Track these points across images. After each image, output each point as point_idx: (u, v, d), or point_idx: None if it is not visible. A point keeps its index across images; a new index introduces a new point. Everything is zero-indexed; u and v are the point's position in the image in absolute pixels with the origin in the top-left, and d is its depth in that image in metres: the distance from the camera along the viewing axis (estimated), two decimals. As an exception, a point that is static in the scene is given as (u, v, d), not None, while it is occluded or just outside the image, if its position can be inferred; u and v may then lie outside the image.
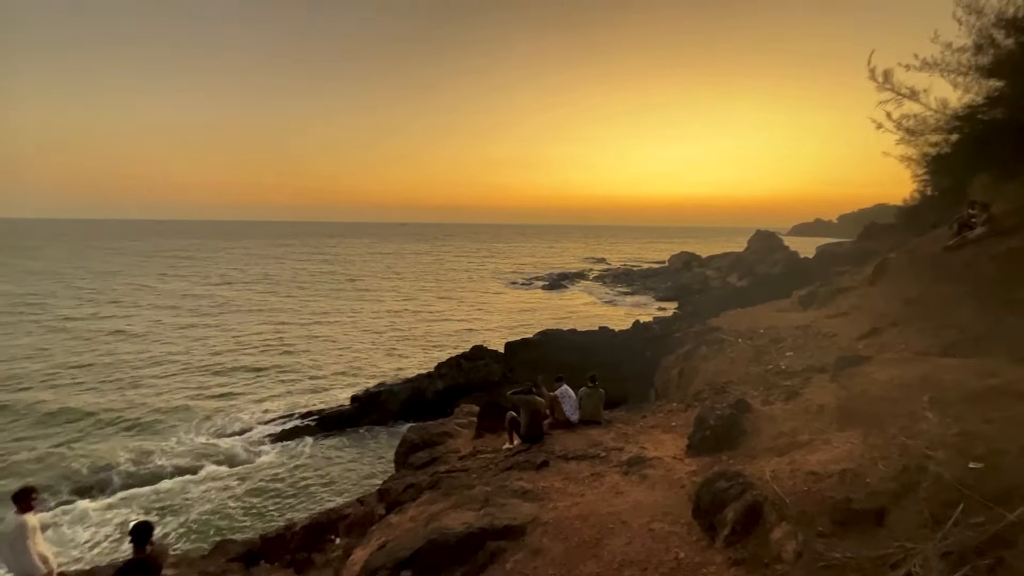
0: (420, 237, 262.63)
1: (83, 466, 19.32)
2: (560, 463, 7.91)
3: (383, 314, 52.66)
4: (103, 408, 25.40)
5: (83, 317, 46.66)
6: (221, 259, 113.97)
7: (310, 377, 31.37)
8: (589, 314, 52.51)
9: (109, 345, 37.45)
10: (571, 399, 10.06)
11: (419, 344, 40.15)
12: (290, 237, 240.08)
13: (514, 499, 6.86)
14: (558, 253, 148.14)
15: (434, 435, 12.35)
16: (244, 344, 38.70)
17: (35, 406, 25.43)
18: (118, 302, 55.15)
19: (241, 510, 16.71)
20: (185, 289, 67.02)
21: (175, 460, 19.89)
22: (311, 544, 8.47)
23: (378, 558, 6.22)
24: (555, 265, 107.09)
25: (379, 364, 34.62)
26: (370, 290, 70.49)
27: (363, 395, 26.33)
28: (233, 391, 28.65)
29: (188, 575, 8.13)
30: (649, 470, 7.17)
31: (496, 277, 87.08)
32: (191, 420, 24.10)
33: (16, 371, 30.70)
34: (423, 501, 7.57)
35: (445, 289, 72.10)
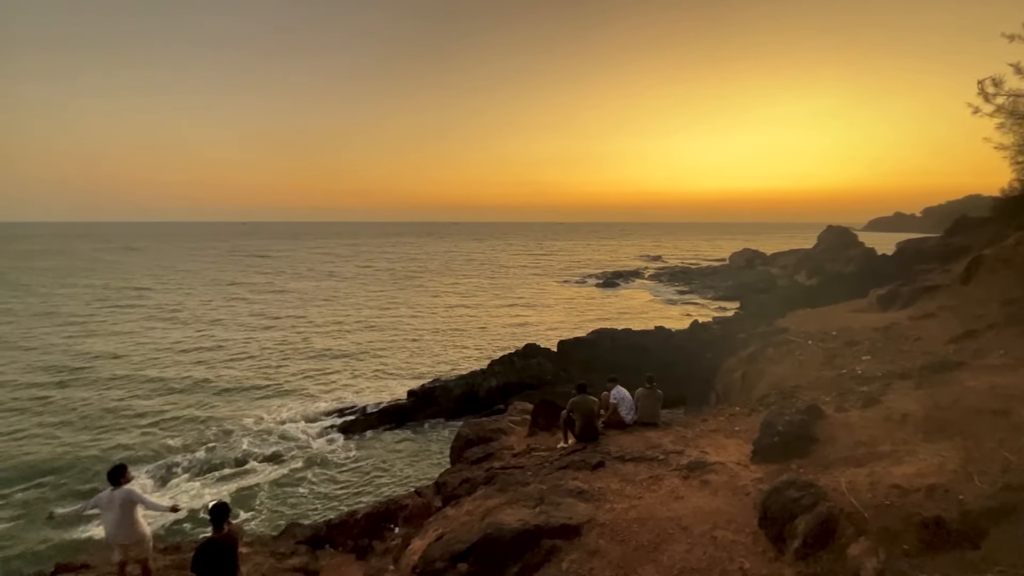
0: (473, 236, 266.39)
1: (166, 448, 21.16)
2: (616, 464, 7.76)
3: (439, 310, 53.89)
4: (188, 393, 27.79)
5: (178, 307, 51.35)
6: (292, 258, 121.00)
7: (370, 370, 32.61)
8: (644, 314, 51.29)
9: (203, 333, 41.11)
10: (627, 400, 9.84)
11: (473, 340, 40.75)
12: (350, 236, 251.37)
13: (569, 498, 6.80)
14: (612, 251, 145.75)
15: (488, 431, 12.45)
16: (312, 337, 40.91)
17: (135, 386, 28.50)
18: (210, 297, 59.89)
19: (308, 496, 17.66)
20: (264, 285, 72.18)
21: (250, 446, 21.33)
22: (372, 531, 8.80)
23: (435, 549, 6.36)
24: (609, 263, 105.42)
25: (434, 359, 35.43)
26: (426, 287, 72.36)
27: (419, 390, 27.04)
28: (302, 381, 30.32)
29: (260, 554, 8.66)
30: (711, 475, 6.89)
31: (549, 275, 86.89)
32: (265, 408, 25.78)
33: (123, 351, 34.61)
34: (478, 496, 7.65)
35: (499, 287, 72.74)
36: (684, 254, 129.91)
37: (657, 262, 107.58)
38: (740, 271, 73.09)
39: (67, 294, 62.39)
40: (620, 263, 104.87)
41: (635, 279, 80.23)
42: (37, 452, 20.77)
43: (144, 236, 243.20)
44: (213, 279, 79.01)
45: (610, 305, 57.36)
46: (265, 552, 8.57)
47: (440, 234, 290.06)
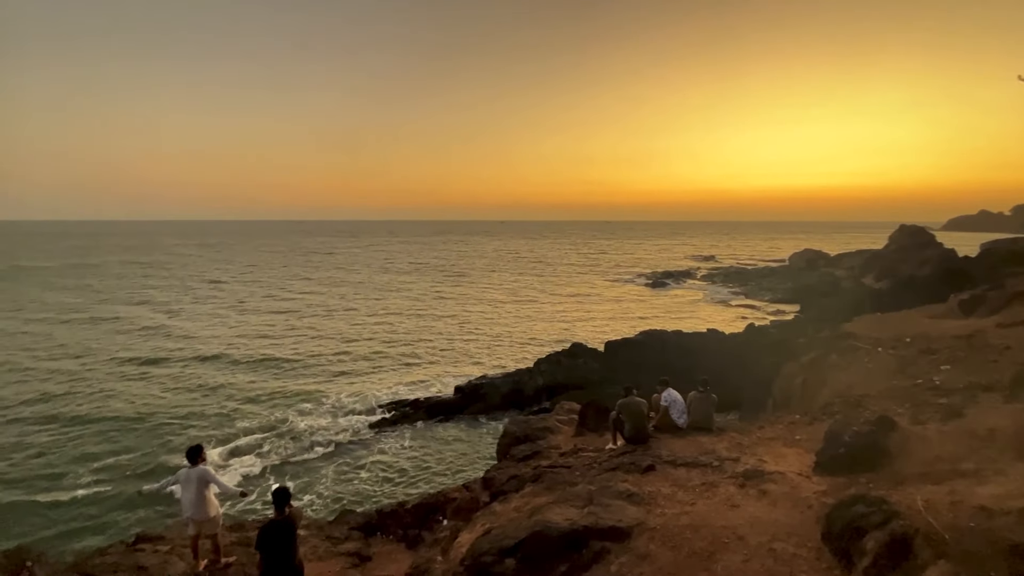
0: (521, 234, 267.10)
1: (235, 429, 22.69)
2: (668, 468, 7.56)
3: (486, 307, 54.46)
4: (258, 378, 29.95)
5: (251, 297, 54.77)
6: (348, 254, 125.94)
7: (421, 364, 33.41)
8: (696, 315, 49.72)
9: (272, 323, 44.08)
10: (679, 403, 9.57)
11: (520, 338, 40.89)
12: (401, 234, 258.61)
13: (619, 500, 6.70)
14: (662, 250, 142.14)
15: (535, 430, 12.46)
16: (368, 330, 42.61)
17: (212, 370, 31.05)
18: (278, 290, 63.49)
19: (360, 483, 18.37)
20: (326, 279, 76.31)
21: (310, 432, 22.52)
22: (421, 522, 9.02)
23: (483, 543, 6.42)
24: (659, 263, 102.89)
25: (482, 355, 35.83)
26: (475, 284, 73.30)
27: (466, 386, 27.43)
28: (359, 372, 31.62)
29: (316, 537, 9.06)
30: (770, 485, 6.58)
31: (597, 274, 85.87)
32: (325, 396, 27.10)
33: (203, 337, 38.02)
34: (526, 493, 7.67)
35: (546, 285, 72.59)
36: (739, 254, 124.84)
37: (709, 262, 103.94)
38: (800, 272, 69.41)
39: (157, 284, 68.61)
40: (671, 263, 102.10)
41: (686, 280, 77.90)
42: (122, 427, 22.88)
43: (211, 233, 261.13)
44: (280, 273, 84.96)
45: (659, 306, 55.98)
46: (321, 536, 8.96)
47: (488, 232, 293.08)
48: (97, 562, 7.85)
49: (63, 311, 49.16)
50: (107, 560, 7.92)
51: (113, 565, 7.74)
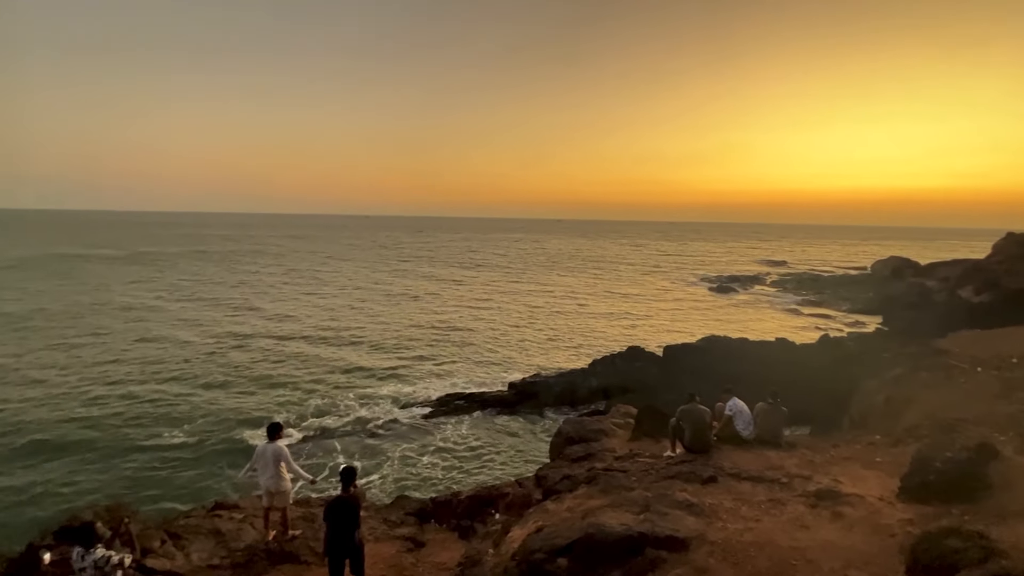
0: (581, 233, 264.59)
1: (308, 409, 24.25)
2: (730, 481, 7.22)
3: (543, 305, 54.44)
4: (334, 362, 31.72)
5: (332, 284, 58.56)
6: (412, 246, 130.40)
7: (477, 360, 33.91)
8: (763, 323, 47.15)
9: (348, 311, 46.90)
10: (744, 413, 9.11)
11: (575, 338, 40.51)
12: (460, 230, 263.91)
13: (677, 510, 6.47)
14: (729, 253, 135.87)
15: (590, 431, 12.30)
16: (429, 321, 43.95)
17: (293, 351, 33.57)
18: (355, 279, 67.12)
19: (420, 469, 19.05)
20: (400, 272, 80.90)
21: (374, 417, 23.66)
22: (474, 514, 9.15)
23: (535, 541, 6.41)
24: (726, 266, 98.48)
25: (536, 353, 35.83)
26: (533, 281, 73.50)
27: (520, 384, 27.53)
28: (421, 363, 32.58)
29: (374, 519, 9.43)
30: (845, 508, 6.12)
31: (659, 276, 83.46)
32: (390, 383, 28.35)
33: (293, 317, 41.66)
34: (580, 494, 7.58)
35: (605, 285, 71.48)
36: (814, 260, 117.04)
37: (781, 267, 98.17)
38: (884, 282, 63.98)
39: (262, 270, 77.83)
40: (738, 267, 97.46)
41: (754, 285, 74.01)
42: (212, 396, 25.21)
43: (292, 226, 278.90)
44: (360, 264, 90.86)
45: (724, 311, 53.55)
46: (378, 518, 9.31)
47: (547, 230, 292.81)
48: (182, 523, 8.59)
49: (183, 291, 56.81)
50: (190, 523, 8.64)
51: (195, 527, 8.43)
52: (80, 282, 60.18)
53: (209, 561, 7.74)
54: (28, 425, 21.61)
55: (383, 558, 7.76)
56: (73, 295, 51.14)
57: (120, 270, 73.30)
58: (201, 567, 7.60)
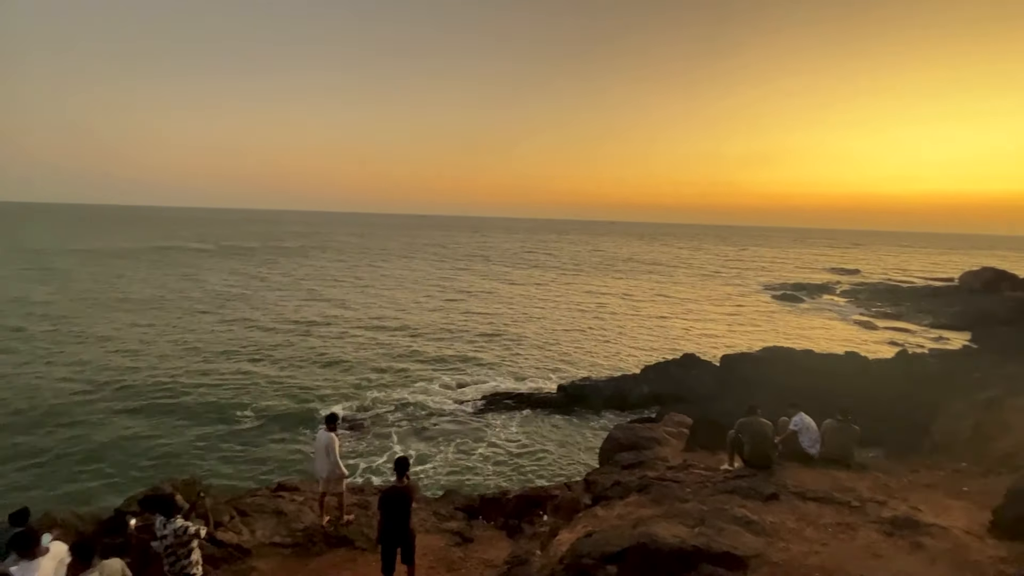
0: (638, 235, 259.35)
1: (364, 400, 25.19)
2: (794, 500, 6.82)
3: (596, 307, 53.79)
4: (392, 355, 32.99)
5: (388, 279, 60.89)
6: (469, 247, 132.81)
7: (527, 359, 33.96)
8: (832, 335, 44.27)
9: (406, 312, 47.95)
10: (811, 430, 8.59)
11: (627, 342, 39.70)
12: (519, 231, 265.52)
13: (734, 526, 6.20)
14: (795, 259, 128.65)
15: (641, 438, 12.04)
16: (483, 319, 44.58)
17: (355, 343, 35.02)
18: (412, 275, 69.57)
19: (471, 463, 19.34)
20: (456, 272, 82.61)
21: (434, 409, 24.44)
22: (521, 514, 9.16)
23: (585, 545, 6.33)
24: (791, 273, 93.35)
25: (587, 356, 35.41)
26: (587, 283, 72.81)
27: (569, 386, 27.31)
28: (473, 360, 33.08)
29: (424, 511, 9.64)
30: (926, 539, 5.63)
31: (718, 281, 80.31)
32: (441, 381, 28.87)
33: (355, 309, 42.81)
34: (631, 502, 7.42)
35: (659, 289, 69.65)
36: (891, 268, 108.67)
37: (853, 276, 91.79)
38: (974, 295, 58.39)
39: (321, 264, 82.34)
40: (804, 274, 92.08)
41: (822, 294, 69.65)
42: (274, 386, 26.63)
43: (351, 224, 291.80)
44: (418, 262, 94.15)
45: (788, 321, 50.74)
46: (428, 510, 9.51)
47: (602, 232, 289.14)
48: (248, 501, 9.14)
49: (261, 281, 62.85)
50: (255, 501, 9.18)
51: (260, 506, 8.95)
52: (179, 270, 68.13)
53: (271, 539, 8.19)
54: (125, 393, 24.64)
55: (432, 550, 7.92)
56: (175, 282, 58.24)
57: (209, 261, 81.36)
58: (265, 544, 8.06)
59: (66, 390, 24.68)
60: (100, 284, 54.02)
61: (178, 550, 5.40)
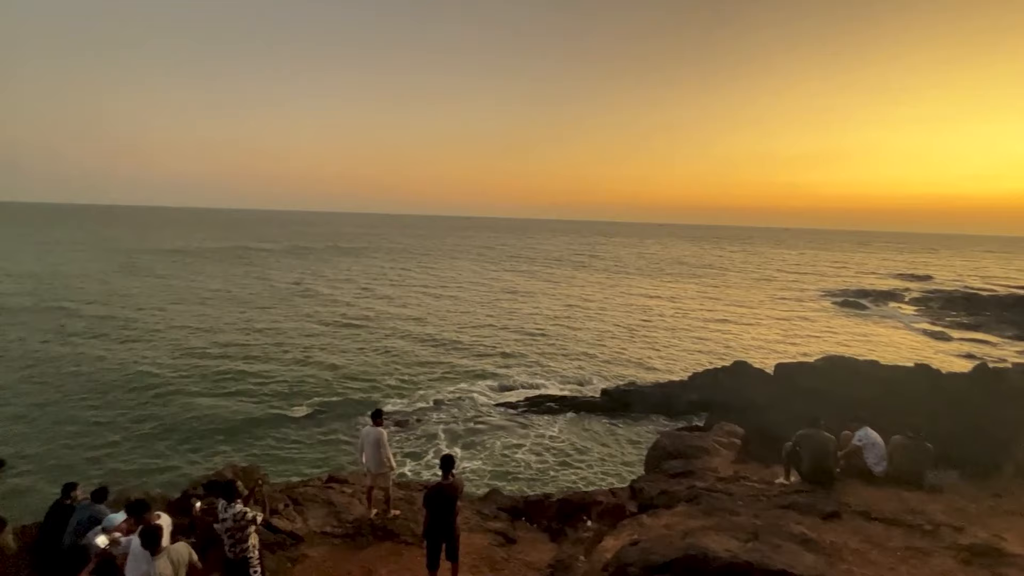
0: (686, 237, 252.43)
1: (413, 398, 25.81)
2: (858, 520, 6.42)
3: (643, 310, 52.76)
4: (436, 356, 33.54)
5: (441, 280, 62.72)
6: (513, 248, 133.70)
7: (572, 362, 33.72)
8: (899, 345, 41.41)
9: (455, 312, 48.88)
10: (877, 446, 8.05)
11: (675, 347, 38.65)
12: (567, 233, 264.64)
13: (791, 543, 5.89)
14: (858, 263, 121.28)
15: (689, 447, 11.68)
16: (527, 322, 44.68)
17: (407, 339, 36.20)
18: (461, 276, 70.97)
19: (509, 466, 19.39)
20: (499, 270, 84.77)
21: (480, 409, 24.74)
22: (565, 518, 9.08)
23: (630, 553, 6.20)
24: (854, 279, 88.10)
25: (632, 360, 34.74)
26: (633, 286, 71.61)
27: (614, 391, 26.87)
28: (514, 363, 33.12)
29: (468, 510, 9.72)
30: (1011, 571, 5.15)
31: (773, 286, 76.85)
32: (486, 380, 29.16)
33: (408, 306, 44.35)
34: (679, 512, 7.21)
35: (711, 293, 67.43)
36: (967, 275, 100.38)
37: (924, 282, 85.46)
38: (1067, 305, 53.11)
39: (379, 264, 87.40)
40: (870, 280, 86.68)
41: (889, 301, 65.29)
42: (328, 380, 27.78)
43: (405, 226, 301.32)
44: (467, 263, 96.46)
45: (850, 330, 47.86)
46: (472, 509, 9.59)
47: (650, 235, 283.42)
48: (301, 491, 9.53)
49: (324, 278, 67.20)
50: (308, 491, 9.56)
51: (312, 495, 9.31)
52: (246, 268, 75.13)
53: (322, 528, 8.50)
54: (196, 380, 26.81)
55: (476, 549, 7.97)
56: (245, 279, 64.18)
57: (276, 260, 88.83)
58: (316, 532, 8.37)
59: (147, 376, 27.07)
60: (181, 280, 60.10)
61: (236, 534, 5.69)
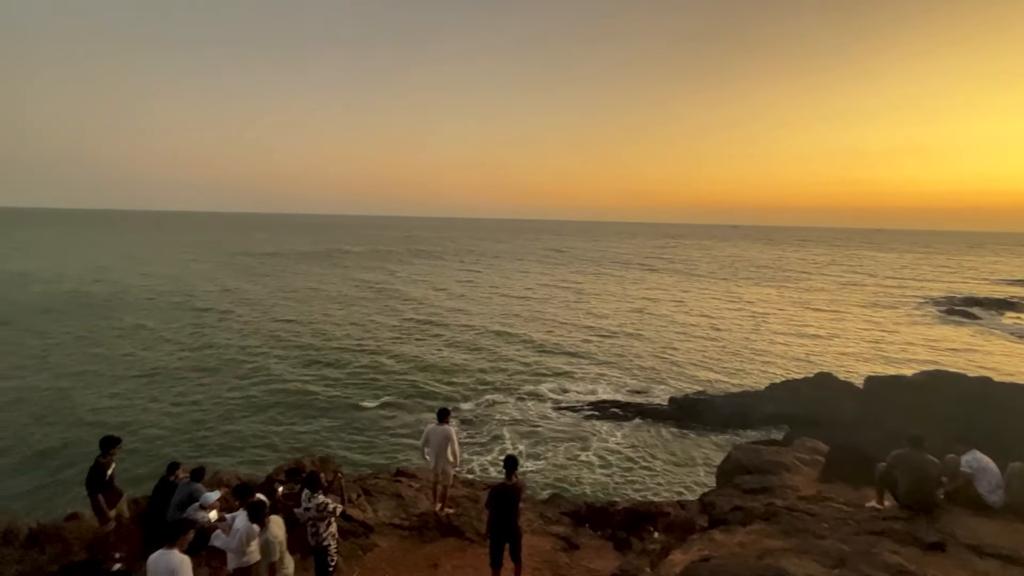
0: (763, 240, 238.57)
1: (480, 397, 26.29)
2: (966, 554, 5.73)
3: (717, 315, 50.48)
4: (503, 356, 33.93)
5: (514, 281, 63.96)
6: (585, 252, 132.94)
7: (640, 367, 32.86)
8: (1014, 361, 36.63)
9: (523, 313, 49.53)
10: (991, 473, 7.15)
11: (751, 355, 36.53)
12: (637, 235, 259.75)
13: (885, 574, 5.37)
14: (970, 269, 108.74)
15: (767, 462, 10.97)
16: (595, 325, 44.23)
17: (481, 340, 37.20)
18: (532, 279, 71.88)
19: (572, 470, 19.20)
20: (567, 273, 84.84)
21: (539, 413, 24.73)
22: (630, 527, 8.82)
23: (701, 570, 5.91)
24: (960, 285, 79.14)
25: (703, 367, 33.27)
26: (706, 290, 68.77)
27: (682, 399, 25.86)
28: (581, 366, 32.89)
29: (531, 512, 9.72)
30: None
31: (864, 292, 70.63)
32: (552, 383, 29.23)
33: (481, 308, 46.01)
34: (755, 530, 6.79)
35: (791, 298, 63.22)
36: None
37: (1050, 291, 75.12)
38: None
39: (455, 266, 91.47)
40: (983, 287, 77.49)
41: (1004, 311, 57.96)
42: (399, 376, 29.07)
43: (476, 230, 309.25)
44: (536, 266, 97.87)
45: (955, 341, 42.94)
46: (535, 512, 9.57)
47: (722, 237, 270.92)
48: (372, 483, 9.96)
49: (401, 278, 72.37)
50: (378, 483, 9.97)
51: (382, 488, 9.71)
52: (346, 269, 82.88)
53: (391, 520, 8.83)
54: (284, 373, 28.93)
55: (539, 551, 7.95)
56: (340, 279, 70.19)
57: (367, 262, 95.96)
58: (385, 523, 8.71)
59: (247, 364, 30.06)
60: (280, 280, 66.98)
61: (318, 523, 6.06)
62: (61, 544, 8.34)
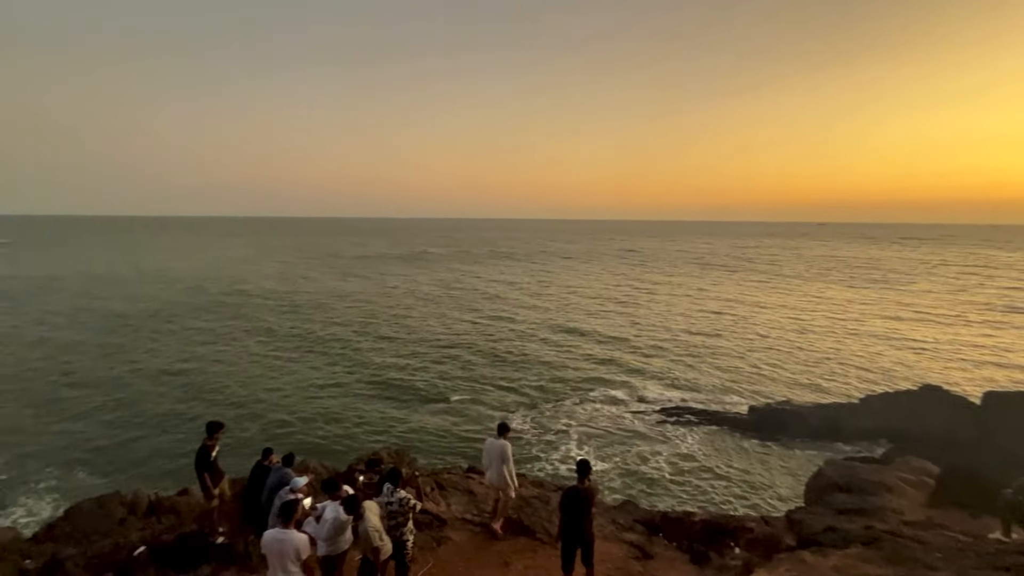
0: (854, 237, 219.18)
1: (552, 399, 26.29)
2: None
3: (804, 318, 47.04)
4: (578, 359, 33.78)
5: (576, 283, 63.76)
6: (655, 252, 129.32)
7: (718, 373, 31.32)
8: None
9: (597, 316, 49.32)
10: None
11: (842, 363, 33.61)
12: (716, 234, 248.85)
13: (1014, 618, 4.71)
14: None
15: (864, 481, 10.08)
16: (671, 328, 43.04)
17: (547, 344, 36.94)
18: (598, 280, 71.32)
19: (644, 477, 18.69)
20: (637, 277, 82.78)
21: (611, 416, 24.41)
22: (708, 541, 8.39)
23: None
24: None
25: (788, 374, 31.06)
26: (792, 292, 64.38)
27: (763, 408, 24.31)
28: (655, 370, 31.98)
29: (602, 517, 9.53)
30: None
31: (982, 295, 62.67)
32: (626, 387, 28.57)
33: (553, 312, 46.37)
34: (852, 554, 6.22)
35: (891, 300, 57.50)
36: None
37: None
38: None
39: (525, 268, 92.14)
40: None
41: None
42: (475, 374, 29.80)
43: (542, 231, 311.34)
44: (605, 268, 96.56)
45: (1096, 353, 36.97)
46: (607, 517, 9.39)
47: (807, 235, 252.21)
48: (445, 477, 10.23)
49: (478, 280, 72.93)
50: (450, 478, 10.23)
51: (454, 483, 9.94)
52: (434, 271, 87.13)
53: (463, 515, 9.01)
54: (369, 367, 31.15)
55: (611, 558, 7.77)
56: (434, 279, 74.75)
57: (452, 264, 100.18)
58: (457, 517, 8.91)
59: (342, 354, 32.95)
60: (375, 282, 71.57)
61: (399, 517, 6.25)
62: (175, 516, 9.30)
